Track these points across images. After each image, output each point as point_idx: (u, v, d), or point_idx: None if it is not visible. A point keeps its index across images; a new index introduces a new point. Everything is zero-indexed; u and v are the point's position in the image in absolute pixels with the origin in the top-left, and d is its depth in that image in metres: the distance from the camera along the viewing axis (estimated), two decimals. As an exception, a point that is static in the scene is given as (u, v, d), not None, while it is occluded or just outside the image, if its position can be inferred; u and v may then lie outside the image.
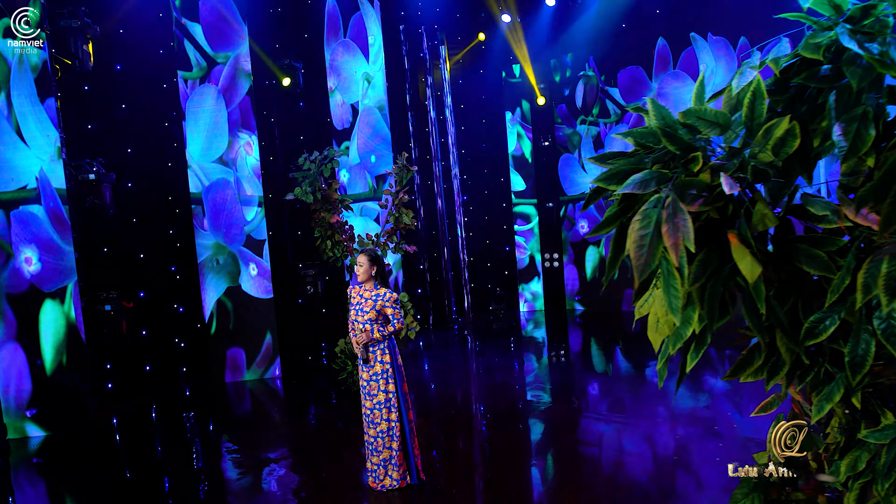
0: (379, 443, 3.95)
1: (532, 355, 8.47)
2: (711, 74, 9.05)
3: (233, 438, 5.35)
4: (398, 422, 3.93)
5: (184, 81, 7.50)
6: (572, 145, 11.00)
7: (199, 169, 7.51)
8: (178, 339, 7.92)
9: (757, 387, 5.66)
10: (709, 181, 1.51)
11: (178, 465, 4.78)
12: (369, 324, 3.96)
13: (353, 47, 8.81)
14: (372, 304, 3.96)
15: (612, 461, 4.29)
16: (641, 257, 1.44)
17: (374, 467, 4.01)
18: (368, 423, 3.99)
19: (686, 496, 3.60)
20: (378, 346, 3.95)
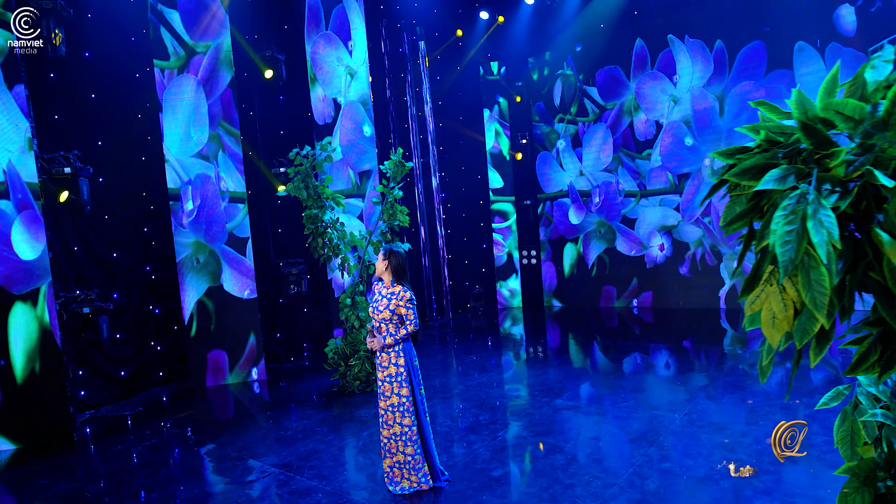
0: (392, 445, 3.84)
1: (510, 352, 8.48)
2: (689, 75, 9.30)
3: (215, 445, 5.11)
4: (414, 426, 3.82)
5: (160, 71, 7.13)
6: (550, 143, 11.10)
7: (177, 163, 7.16)
8: (154, 342, 7.55)
9: (732, 381, 5.84)
10: (841, 176, 1.51)
11: (155, 475, 4.52)
12: (383, 323, 3.84)
13: (336, 40, 8.59)
14: (386, 304, 3.84)
15: (590, 454, 4.35)
16: (787, 253, 1.42)
17: (388, 469, 3.90)
18: (382, 423, 3.88)
19: (664, 487, 3.65)
20: (392, 348, 3.83)
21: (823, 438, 4.13)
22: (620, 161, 10.17)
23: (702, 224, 9.39)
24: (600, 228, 10.55)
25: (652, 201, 9.85)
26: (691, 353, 7.26)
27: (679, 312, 9.56)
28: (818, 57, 8.17)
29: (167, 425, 5.88)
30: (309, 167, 6.31)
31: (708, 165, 8.93)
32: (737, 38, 8.74)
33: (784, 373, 6.06)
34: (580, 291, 10.91)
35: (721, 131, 9.03)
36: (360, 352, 6.56)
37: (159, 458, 4.94)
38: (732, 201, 1.68)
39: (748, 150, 1.67)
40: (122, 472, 4.69)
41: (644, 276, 10.10)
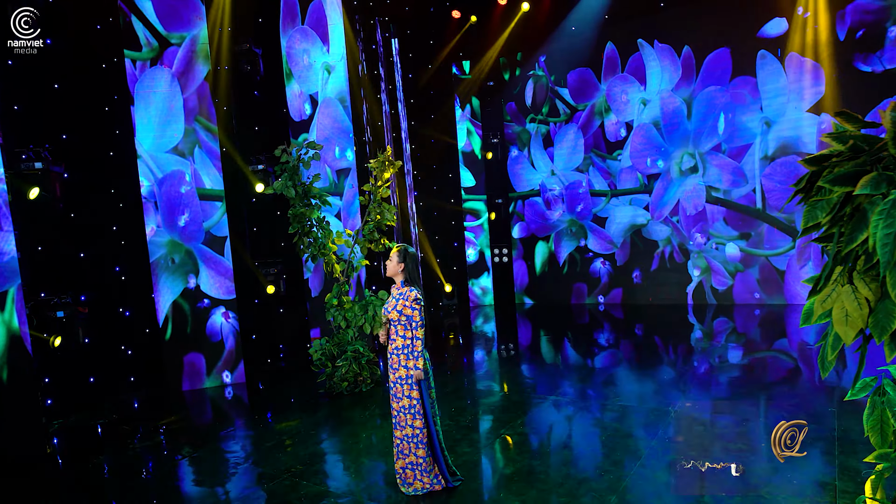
0: (405, 446, 3.83)
1: (482, 349, 8.56)
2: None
3: (208, 452, 4.93)
4: (424, 429, 3.80)
5: (131, 62, 6.80)
6: (521, 143, 11.24)
7: (150, 159, 6.85)
8: (124, 346, 7.20)
9: (701, 380, 6.03)
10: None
11: (153, 488, 4.33)
12: (392, 325, 3.82)
13: (312, 35, 8.42)
14: (395, 304, 3.82)
15: (562, 447, 4.49)
16: (887, 254, 1.51)
17: (400, 470, 3.88)
18: (395, 424, 3.86)
19: (630, 478, 3.80)
20: (402, 351, 3.81)
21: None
22: (591, 161, 10.41)
23: (670, 223, 9.74)
24: (571, 227, 10.78)
25: (623, 200, 10.14)
26: (660, 348, 7.53)
27: (648, 308, 9.89)
28: (779, 65, 8.61)
29: (149, 433, 5.62)
30: (296, 165, 6.16)
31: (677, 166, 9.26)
32: (703, 45, 9.10)
33: (743, 368, 6.38)
34: (551, 289, 11.11)
35: (689, 133, 9.38)
36: (346, 352, 6.47)
37: (151, 469, 4.73)
38: (812, 206, 1.77)
39: (828, 158, 1.76)
40: (113, 487, 4.46)
41: (614, 273, 10.38)
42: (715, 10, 8.96)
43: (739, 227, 9.13)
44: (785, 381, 5.85)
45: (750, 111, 8.85)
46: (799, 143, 8.58)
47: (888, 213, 1.52)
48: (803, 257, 8.70)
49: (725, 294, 9.38)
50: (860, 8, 8.04)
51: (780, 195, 8.76)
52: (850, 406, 4.89)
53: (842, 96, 8.22)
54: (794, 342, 7.26)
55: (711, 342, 7.53)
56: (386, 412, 5.64)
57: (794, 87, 8.52)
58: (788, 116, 8.60)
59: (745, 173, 8.98)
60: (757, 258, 9.05)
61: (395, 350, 3.81)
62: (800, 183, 1.79)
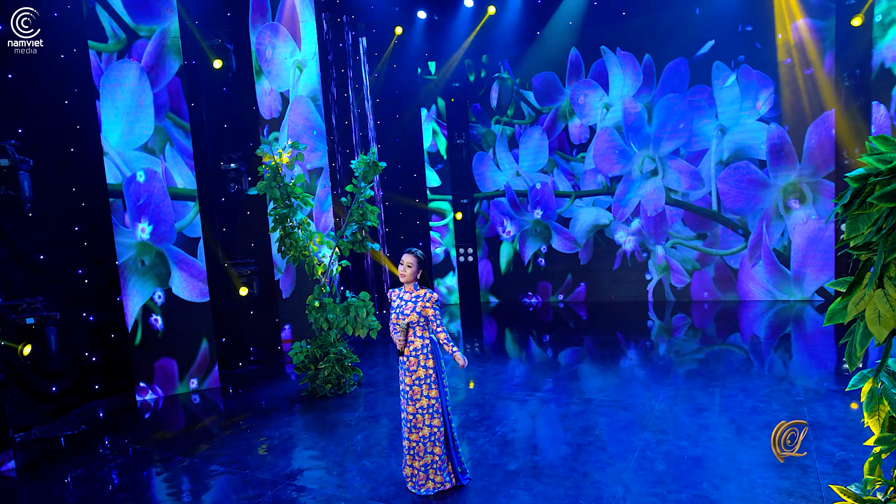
0: (421, 448, 3.88)
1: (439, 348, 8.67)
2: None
3: (197, 460, 4.80)
4: (442, 427, 3.89)
5: (96, 54, 6.47)
6: (486, 144, 11.41)
7: (118, 157, 6.55)
8: (88, 352, 6.86)
9: (658, 371, 6.46)
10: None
11: (147, 499, 4.19)
12: (410, 326, 3.86)
13: (283, 32, 8.26)
14: (413, 307, 3.86)
15: (529, 441, 4.71)
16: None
17: (414, 472, 3.93)
18: (410, 427, 3.89)
19: (596, 471, 4.04)
20: (421, 351, 3.87)
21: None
22: (555, 163, 10.71)
23: (631, 223, 10.16)
24: (536, 227, 11.05)
25: (586, 202, 10.49)
26: (622, 343, 7.89)
27: (611, 305, 10.29)
28: (732, 74, 9.15)
29: (124, 442, 5.40)
30: (279, 165, 6.06)
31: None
32: (663, 54, 9.54)
33: (698, 363, 6.79)
34: (517, 288, 11.35)
35: (650, 138, 9.82)
36: (329, 354, 6.42)
37: (137, 481, 4.56)
38: (853, 219, 1.96)
39: (869, 176, 1.95)
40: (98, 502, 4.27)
41: (578, 271, 10.73)
42: (673, 22, 9.42)
43: (697, 227, 9.65)
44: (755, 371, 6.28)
45: (706, 118, 9.36)
46: (750, 150, 9.16)
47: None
48: (754, 256, 9.30)
49: (683, 291, 9.89)
50: (805, 25, 8.65)
51: (733, 197, 9.32)
52: (812, 394, 5.31)
53: (789, 106, 8.83)
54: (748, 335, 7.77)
55: (671, 338, 7.94)
56: (376, 413, 5.65)
57: (745, 97, 9.08)
58: (741, 124, 9.15)
59: (702, 177, 9.50)
60: (713, 257, 9.60)
61: (415, 351, 3.84)
62: (843, 198, 1.98)
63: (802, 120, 8.78)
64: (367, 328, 6.51)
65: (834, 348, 7.02)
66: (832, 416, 4.73)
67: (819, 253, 8.86)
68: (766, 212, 9.14)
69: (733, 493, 3.57)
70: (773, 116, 8.97)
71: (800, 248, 8.98)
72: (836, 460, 3.94)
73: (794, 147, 8.87)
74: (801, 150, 8.83)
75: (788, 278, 9.12)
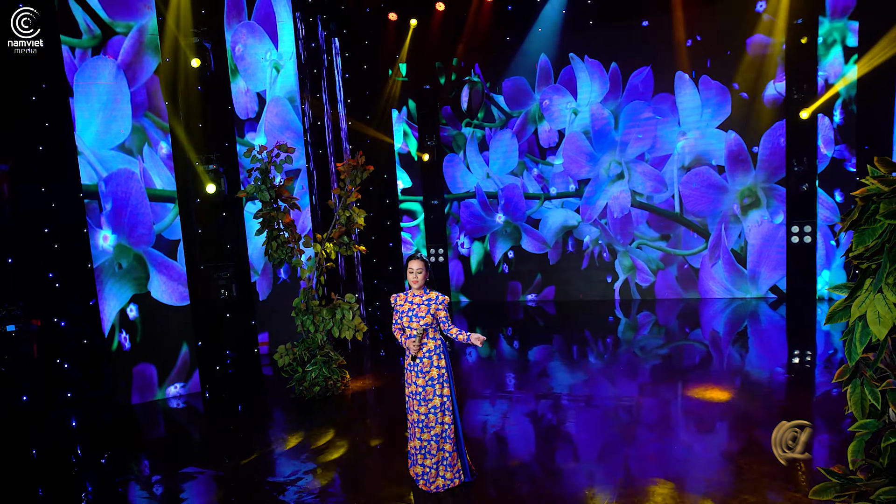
0: (432, 446, 4.01)
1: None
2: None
3: (196, 468, 4.76)
4: (452, 424, 4.03)
5: (69, 50, 6.25)
6: (457, 146, 11.59)
7: (93, 156, 6.36)
8: (60, 359, 6.60)
9: (627, 368, 6.86)
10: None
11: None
12: (424, 328, 3.99)
13: (260, 31, 8.18)
14: (427, 309, 3.99)
15: (498, 437, 4.95)
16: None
17: (425, 470, 4.05)
18: (421, 427, 4.01)
19: (566, 465, 4.32)
20: (434, 352, 4.00)
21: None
22: (525, 166, 11.00)
23: (599, 225, 10.57)
24: (507, 228, 11.31)
25: (555, 203, 10.82)
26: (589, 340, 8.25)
27: (579, 304, 10.67)
28: (693, 85, 9.66)
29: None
30: (266, 167, 6.03)
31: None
32: (629, 63, 9.96)
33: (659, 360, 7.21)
34: (487, 287, 11.59)
35: (616, 143, 10.23)
36: (316, 356, 6.44)
37: (148, 491, 4.49)
38: (860, 233, 2.23)
39: (873, 195, 2.22)
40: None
41: (547, 271, 11.06)
42: (639, 31, 9.85)
43: (661, 229, 10.13)
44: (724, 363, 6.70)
45: (669, 125, 9.84)
46: (710, 156, 9.70)
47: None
48: (714, 256, 9.85)
49: (648, 290, 10.37)
50: (757, 41, 9.24)
51: (695, 200, 9.84)
52: (775, 384, 5.75)
53: (745, 116, 9.41)
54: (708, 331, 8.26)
55: (636, 335, 8.35)
56: (370, 415, 5.73)
57: (705, 105, 9.61)
58: (702, 131, 9.68)
59: (665, 180, 9.98)
60: (676, 257, 10.11)
61: (429, 352, 3.96)
62: (852, 215, 2.25)
63: (757, 129, 9.37)
64: (353, 330, 6.56)
65: (786, 342, 7.56)
66: (797, 405, 5.14)
67: (772, 253, 9.49)
68: (725, 214, 9.70)
69: (724, 483, 3.87)
70: (730, 125, 9.53)
71: (755, 248, 9.59)
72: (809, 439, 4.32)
73: (749, 154, 9.46)
74: (757, 157, 9.42)
75: (745, 277, 9.72)
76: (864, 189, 2.28)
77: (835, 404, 5.10)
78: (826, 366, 6.53)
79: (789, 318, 8.55)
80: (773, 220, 9.43)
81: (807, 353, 7.06)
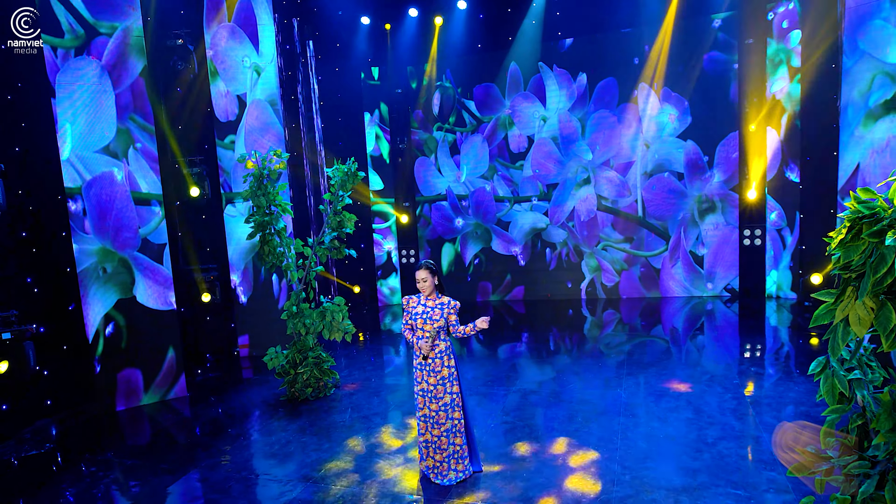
0: (444, 441, 4.27)
1: (391, 347, 9.05)
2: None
3: (198, 471, 4.82)
4: (462, 418, 4.31)
5: (51, 49, 6.13)
6: (428, 149, 11.83)
7: (77, 159, 6.25)
8: (39, 366, 6.45)
9: (593, 363, 7.36)
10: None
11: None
12: (436, 331, 4.24)
13: (240, 34, 8.17)
14: (440, 313, 4.24)
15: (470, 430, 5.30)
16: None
17: (436, 464, 4.30)
18: (432, 423, 4.26)
19: (532, 458, 4.68)
20: (445, 353, 4.25)
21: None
22: (495, 170, 11.36)
23: (566, 227, 11.05)
24: (477, 230, 11.65)
25: (524, 207, 11.23)
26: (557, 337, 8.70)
27: (547, 303, 11.13)
28: (655, 96, 10.26)
29: (107, 457, 5.26)
30: (261, 174, 6.10)
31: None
32: (596, 73, 10.48)
33: (625, 356, 7.73)
34: (458, 288, 11.88)
35: (583, 150, 10.72)
36: (308, 358, 6.56)
37: (151, 496, 4.53)
38: (846, 249, 2.64)
39: (860, 217, 2.63)
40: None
41: (516, 272, 11.47)
42: (605, 44, 10.37)
43: (624, 231, 10.71)
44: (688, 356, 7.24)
45: (633, 134, 10.42)
46: (670, 163, 10.33)
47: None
48: (674, 257, 10.51)
49: (613, 289, 10.94)
50: (713, 57, 9.92)
51: (657, 205, 10.46)
52: (731, 375, 6.29)
53: (702, 127, 10.08)
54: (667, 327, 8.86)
55: (602, 332, 8.85)
56: (367, 414, 5.91)
57: (665, 116, 10.23)
58: (663, 140, 10.30)
59: (629, 186, 10.56)
60: (639, 258, 10.71)
61: (440, 353, 4.21)
62: (841, 233, 2.65)
63: (713, 139, 10.06)
64: (342, 332, 6.71)
65: (737, 339, 8.20)
66: (765, 395, 5.68)
67: (727, 255, 10.21)
68: (684, 218, 10.36)
69: (710, 464, 4.30)
70: (688, 135, 10.19)
71: (711, 250, 10.29)
72: (772, 420, 4.84)
73: (706, 162, 10.14)
74: (713, 165, 10.11)
75: (702, 277, 10.42)
76: (849, 213, 2.70)
77: (785, 391, 5.66)
78: (775, 357, 7.18)
79: (741, 314, 9.26)
80: (727, 224, 10.14)
81: (757, 346, 7.71)
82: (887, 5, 5.45)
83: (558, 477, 4.29)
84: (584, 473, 4.32)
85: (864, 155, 5.76)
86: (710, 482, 4.04)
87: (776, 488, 3.90)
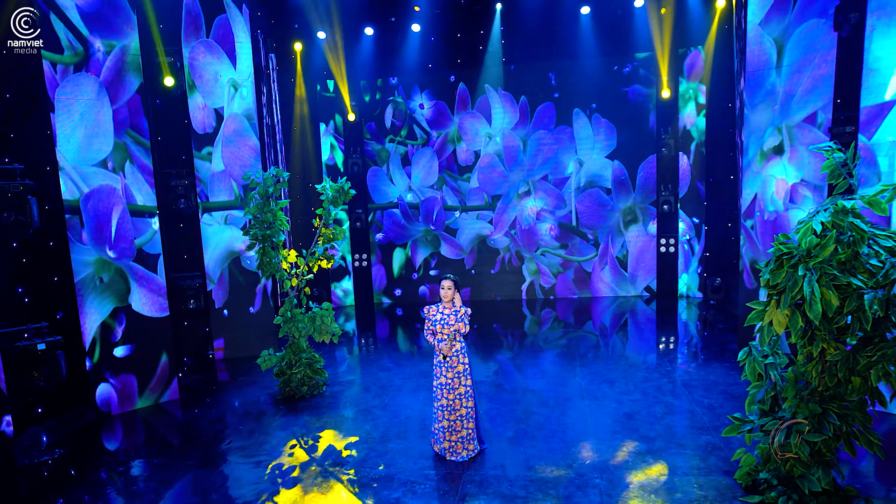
0: (458, 424, 5.17)
1: (344, 347, 9.75)
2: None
3: (211, 469, 5.37)
4: (473, 407, 5.22)
5: (51, 65, 6.30)
6: (381, 160, 12.55)
7: (74, 172, 6.46)
8: (36, 374, 6.56)
9: (532, 352, 8.78)
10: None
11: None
12: (453, 333, 5.12)
13: (218, 50, 8.51)
14: (456, 318, 5.14)
15: (419, 424, 6.14)
16: (808, 296, 3.64)
17: (452, 444, 5.18)
18: (449, 410, 5.14)
19: (522, 436, 5.77)
20: (461, 351, 5.15)
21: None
22: (444, 181, 12.31)
23: (509, 235, 12.22)
24: (427, 236, 12.54)
25: (471, 215, 12.27)
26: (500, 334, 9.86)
27: (492, 303, 12.25)
28: (587, 120, 11.67)
29: (51, 466, 5.64)
30: (266, 190, 6.62)
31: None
32: (535, 97, 11.72)
33: (589, 351, 9.05)
34: (408, 290, 12.72)
35: (525, 165, 11.95)
36: (301, 359, 7.16)
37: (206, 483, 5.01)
38: (773, 274, 3.86)
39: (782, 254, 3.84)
40: None
41: (464, 275, 12.49)
42: (544, 70, 11.63)
43: (561, 239, 12.05)
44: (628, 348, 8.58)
45: (568, 152, 11.77)
46: (600, 180, 11.79)
47: (808, 281, 3.65)
48: (602, 262, 12.00)
49: (550, 290, 12.26)
50: (636, 91, 11.48)
51: (589, 216, 11.89)
52: (650, 363, 7.68)
53: (627, 149, 11.62)
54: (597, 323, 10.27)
55: (539, 329, 10.11)
56: (366, 407, 6.64)
57: (597, 138, 11.67)
58: (594, 159, 11.74)
59: (565, 199, 11.91)
60: (573, 263, 12.10)
61: (457, 353, 5.10)
62: (777, 263, 3.85)
63: (636, 160, 11.63)
64: (330, 334, 7.37)
65: (655, 332, 9.71)
66: (692, 379, 7.07)
67: (646, 261, 11.84)
68: (611, 228, 11.87)
69: (662, 433, 5.52)
70: (615, 156, 11.69)
71: (633, 256, 11.89)
72: (706, 404, 6.19)
73: (630, 180, 11.69)
74: (636, 183, 11.69)
75: (626, 279, 11.99)
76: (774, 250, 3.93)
77: (706, 374, 7.08)
78: (687, 348, 8.70)
79: (658, 312, 10.88)
80: (647, 234, 11.77)
81: (671, 339, 9.24)
82: (773, 73, 7.06)
83: (551, 450, 5.33)
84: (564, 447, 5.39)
85: (760, 187, 7.33)
86: (664, 446, 5.25)
87: (713, 446, 5.18)
